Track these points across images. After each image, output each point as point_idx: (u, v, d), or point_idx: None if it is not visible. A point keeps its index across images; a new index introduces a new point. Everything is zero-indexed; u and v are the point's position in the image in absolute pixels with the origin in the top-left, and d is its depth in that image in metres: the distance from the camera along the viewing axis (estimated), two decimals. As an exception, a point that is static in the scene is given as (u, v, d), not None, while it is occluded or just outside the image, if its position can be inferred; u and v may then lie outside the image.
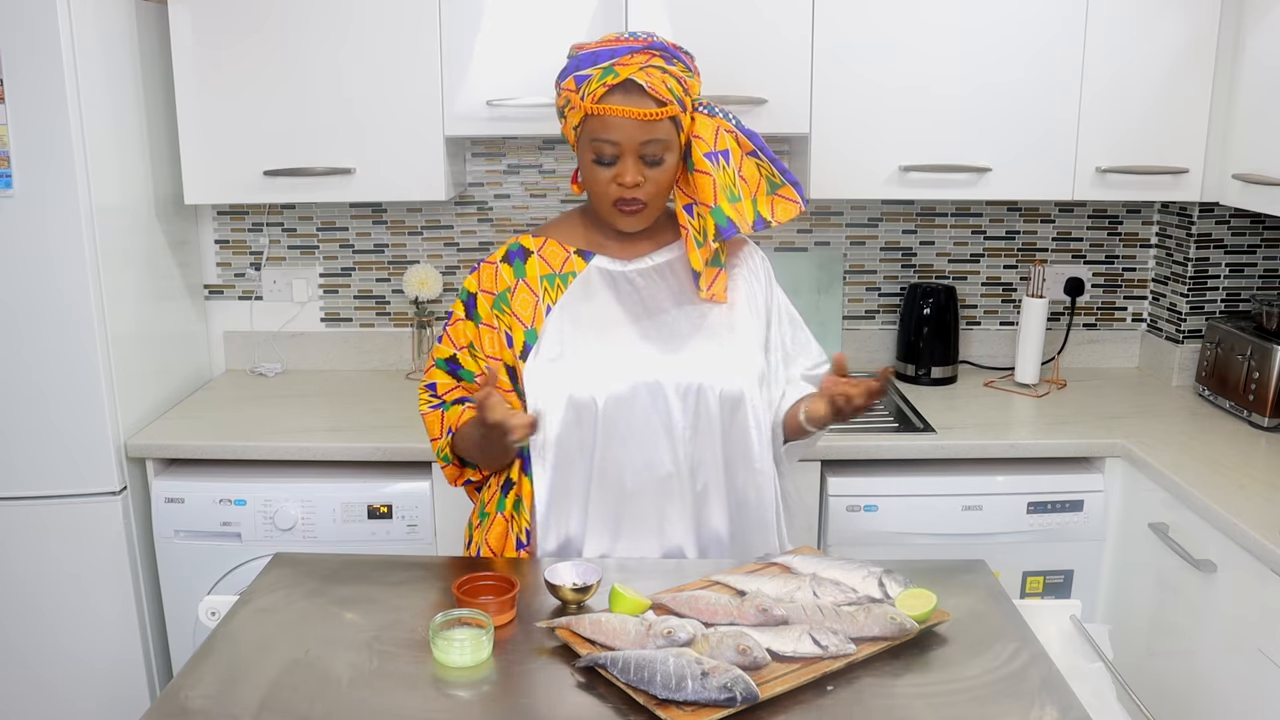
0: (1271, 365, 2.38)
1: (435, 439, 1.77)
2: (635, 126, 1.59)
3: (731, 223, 1.65)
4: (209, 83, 2.43)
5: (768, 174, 1.72)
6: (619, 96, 1.58)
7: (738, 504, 1.70)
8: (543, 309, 1.70)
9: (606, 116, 1.59)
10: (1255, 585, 1.86)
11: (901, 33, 2.42)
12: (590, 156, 1.64)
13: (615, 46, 1.61)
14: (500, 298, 1.72)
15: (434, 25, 2.41)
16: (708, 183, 1.65)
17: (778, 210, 1.71)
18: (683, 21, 2.39)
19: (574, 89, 1.61)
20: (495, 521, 1.74)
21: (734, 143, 1.69)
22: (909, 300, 2.83)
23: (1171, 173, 2.49)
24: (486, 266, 1.75)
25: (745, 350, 1.71)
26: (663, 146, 1.62)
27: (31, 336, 2.24)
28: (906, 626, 1.39)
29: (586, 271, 1.72)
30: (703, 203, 1.66)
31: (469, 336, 1.74)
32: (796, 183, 1.72)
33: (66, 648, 2.36)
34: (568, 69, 1.65)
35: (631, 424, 1.64)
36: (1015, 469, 2.35)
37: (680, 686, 1.23)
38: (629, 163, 1.61)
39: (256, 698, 1.30)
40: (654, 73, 1.59)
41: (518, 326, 1.70)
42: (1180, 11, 2.41)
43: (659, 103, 1.59)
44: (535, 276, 1.72)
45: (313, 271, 2.91)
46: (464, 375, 1.75)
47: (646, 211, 1.67)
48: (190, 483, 2.35)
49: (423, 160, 2.48)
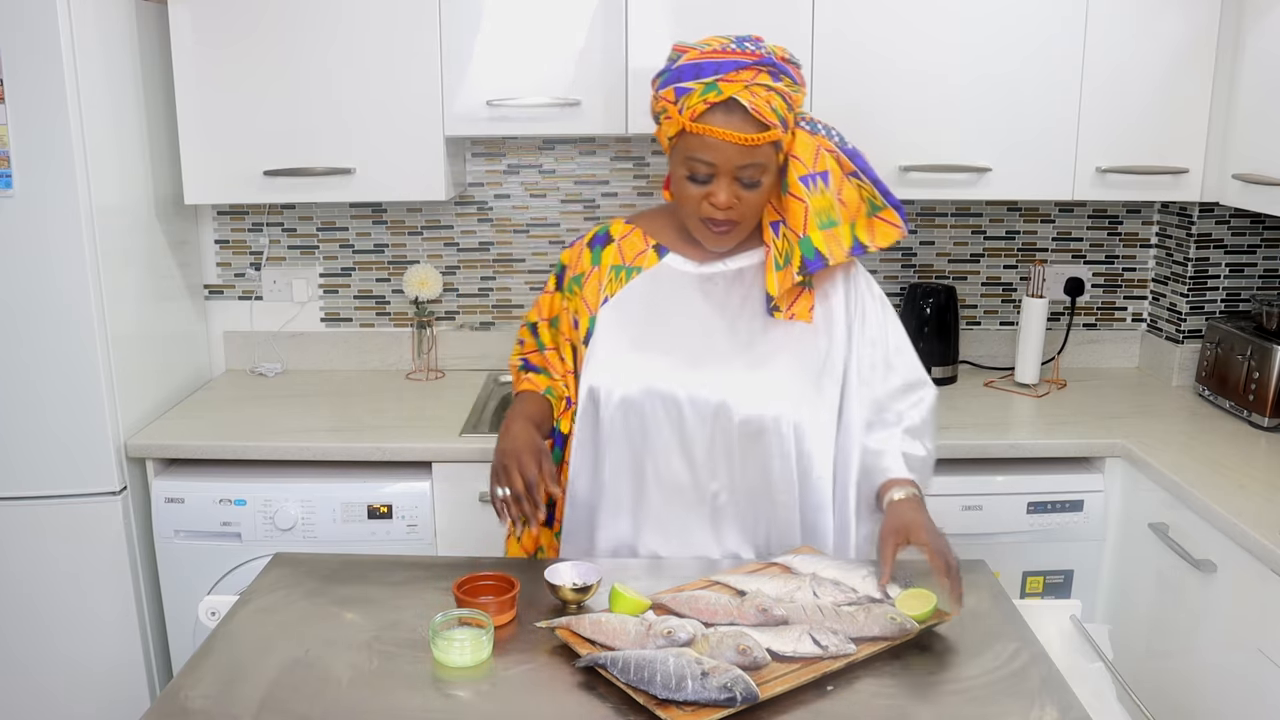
0: (1271, 365, 2.38)
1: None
2: (734, 150, 1.53)
3: (820, 255, 1.59)
4: (209, 82, 2.43)
5: (869, 196, 1.64)
6: (720, 117, 1.52)
7: (759, 531, 1.68)
8: (600, 299, 1.70)
9: (704, 136, 1.53)
10: (1255, 585, 1.86)
11: (901, 34, 2.42)
12: (684, 173, 1.58)
13: (721, 60, 1.54)
14: (575, 280, 1.74)
15: (434, 25, 2.41)
16: (799, 209, 1.60)
17: (878, 234, 1.64)
18: (683, 21, 2.39)
19: (673, 100, 1.55)
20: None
21: (834, 163, 1.62)
22: (909, 300, 2.83)
23: (1171, 173, 2.49)
24: (578, 245, 1.77)
25: (791, 376, 1.63)
26: (760, 170, 1.56)
27: (31, 336, 2.24)
28: (906, 626, 1.39)
29: (653, 270, 1.70)
30: (792, 229, 1.61)
31: (555, 308, 1.77)
32: (899, 205, 1.65)
33: (66, 648, 2.36)
34: (669, 77, 1.58)
35: (646, 430, 1.64)
36: (1015, 469, 2.35)
37: (680, 686, 1.23)
38: (723, 184, 1.56)
39: (256, 698, 1.30)
40: (759, 91, 1.52)
41: (584, 310, 1.71)
42: (1180, 11, 2.41)
43: (761, 126, 1.53)
44: (606, 265, 1.72)
45: (313, 271, 2.91)
46: (542, 345, 1.78)
47: (735, 232, 1.63)
48: (190, 483, 2.35)
49: (423, 160, 2.48)
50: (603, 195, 2.87)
